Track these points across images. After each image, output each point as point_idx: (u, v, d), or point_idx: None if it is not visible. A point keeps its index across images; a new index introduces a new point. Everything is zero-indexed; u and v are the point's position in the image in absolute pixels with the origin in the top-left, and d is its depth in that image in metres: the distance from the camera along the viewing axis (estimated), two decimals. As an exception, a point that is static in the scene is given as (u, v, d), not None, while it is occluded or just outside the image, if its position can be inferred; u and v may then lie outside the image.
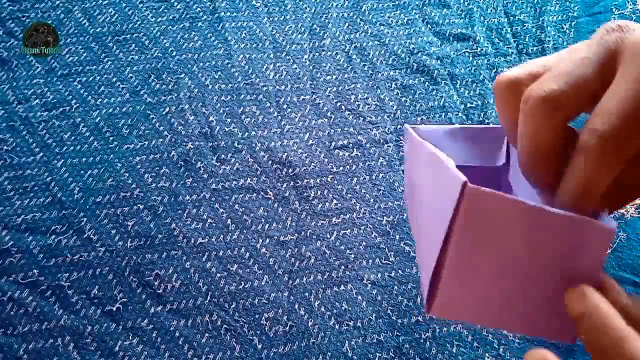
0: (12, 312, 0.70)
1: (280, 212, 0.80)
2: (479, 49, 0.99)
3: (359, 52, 0.96)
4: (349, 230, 0.79)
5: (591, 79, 0.18)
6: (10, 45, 0.92)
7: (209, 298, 0.72)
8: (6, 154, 0.81)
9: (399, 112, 0.91)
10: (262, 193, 0.81)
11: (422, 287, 0.21)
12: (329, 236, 0.78)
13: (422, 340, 0.72)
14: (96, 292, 0.72)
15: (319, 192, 0.82)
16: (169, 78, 0.91)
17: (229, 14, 0.99)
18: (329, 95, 0.91)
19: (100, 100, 0.88)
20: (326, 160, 0.85)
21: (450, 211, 0.18)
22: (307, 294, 0.74)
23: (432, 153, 0.22)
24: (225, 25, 0.97)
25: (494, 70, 0.97)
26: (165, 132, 0.85)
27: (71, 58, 0.92)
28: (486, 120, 0.91)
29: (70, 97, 0.88)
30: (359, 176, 0.84)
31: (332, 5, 1.02)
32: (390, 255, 0.77)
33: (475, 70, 0.96)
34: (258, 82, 0.91)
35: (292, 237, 0.78)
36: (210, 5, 0.99)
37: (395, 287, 0.75)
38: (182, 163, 0.83)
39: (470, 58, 0.98)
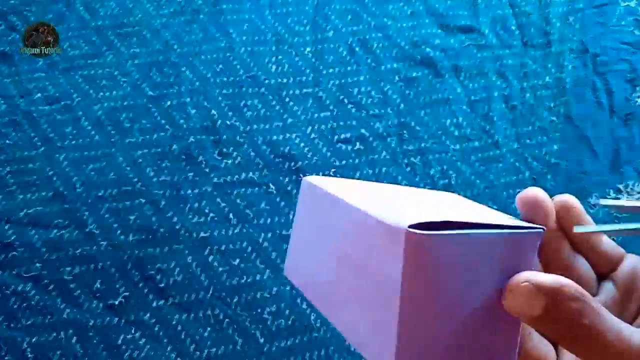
0: (15, 306, 0.70)
1: (283, 205, 0.79)
2: (484, 41, 0.97)
3: (362, 45, 0.96)
4: (351, 224, 0.78)
5: None
6: (13, 39, 0.92)
7: (211, 292, 0.72)
8: (8, 148, 0.81)
9: (402, 105, 0.90)
10: (265, 187, 0.81)
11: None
12: (331, 230, 0.78)
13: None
14: (99, 286, 0.72)
15: (321, 186, 0.81)
16: (170, 71, 0.90)
17: (230, 6, 0.98)
18: (332, 88, 0.90)
19: (101, 94, 0.87)
20: (329, 153, 0.84)
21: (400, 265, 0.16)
22: (309, 288, 0.74)
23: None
24: (227, 18, 0.96)
25: (498, 63, 0.95)
26: (167, 126, 0.85)
27: (73, 52, 0.91)
28: (489, 114, 0.89)
29: (72, 90, 0.87)
30: (362, 170, 0.83)
31: (335, -3, 1.01)
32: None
33: (480, 62, 0.95)
34: (260, 75, 0.91)
35: (294, 231, 0.77)
36: (212, -2, 0.99)
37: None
38: (184, 157, 0.82)
39: (475, 50, 0.96)
